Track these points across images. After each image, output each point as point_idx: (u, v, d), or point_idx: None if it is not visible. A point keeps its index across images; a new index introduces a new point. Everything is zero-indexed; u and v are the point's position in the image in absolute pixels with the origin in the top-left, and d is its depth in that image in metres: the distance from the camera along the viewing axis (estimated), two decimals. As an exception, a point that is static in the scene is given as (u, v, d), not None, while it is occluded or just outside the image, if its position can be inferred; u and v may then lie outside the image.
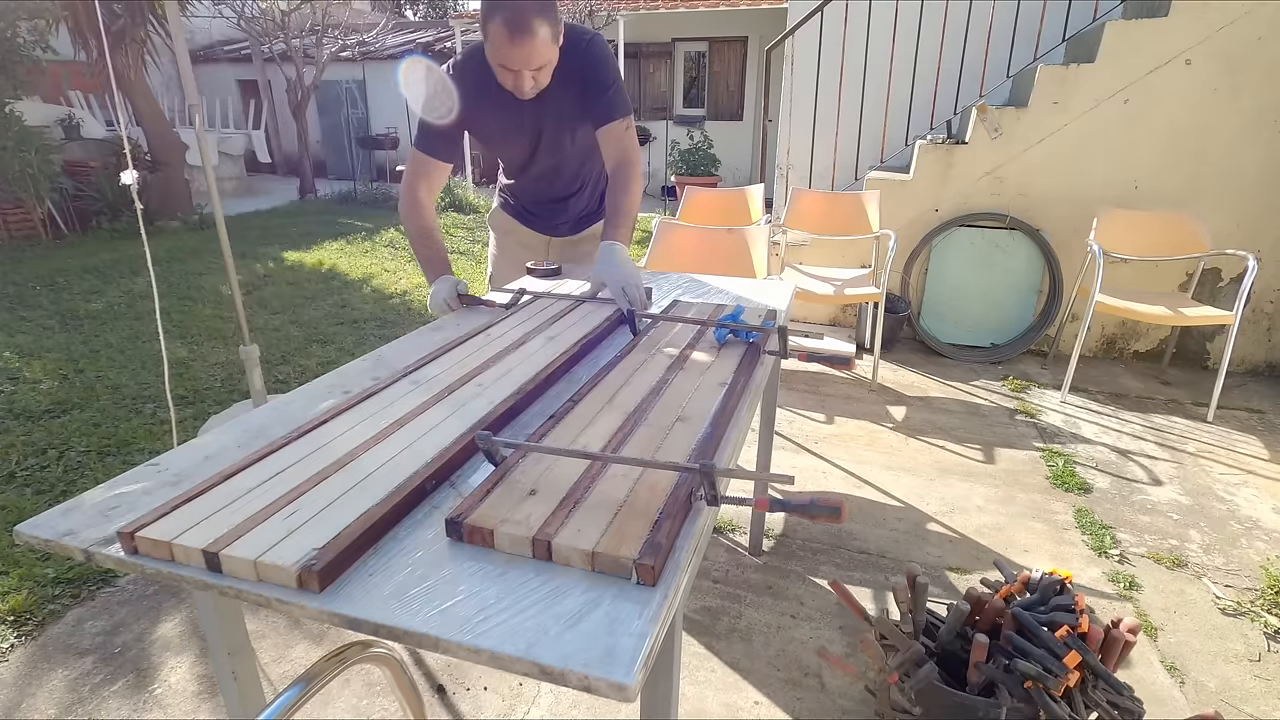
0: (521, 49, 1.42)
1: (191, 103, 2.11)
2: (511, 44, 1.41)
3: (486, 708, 1.54)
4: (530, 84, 1.50)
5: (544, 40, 1.44)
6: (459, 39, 8.71)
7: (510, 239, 2.02)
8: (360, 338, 3.90)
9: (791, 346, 1.28)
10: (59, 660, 1.67)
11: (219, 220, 2.28)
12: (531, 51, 1.43)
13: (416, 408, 1.04)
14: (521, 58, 1.43)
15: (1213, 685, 1.61)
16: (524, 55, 1.43)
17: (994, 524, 2.20)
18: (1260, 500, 2.33)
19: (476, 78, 1.60)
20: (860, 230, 3.51)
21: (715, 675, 1.63)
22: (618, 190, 1.65)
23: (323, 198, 9.11)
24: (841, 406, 3.04)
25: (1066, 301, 3.53)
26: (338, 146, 11.55)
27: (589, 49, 1.59)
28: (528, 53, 1.43)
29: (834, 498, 0.76)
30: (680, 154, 8.62)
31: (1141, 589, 1.91)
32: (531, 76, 1.49)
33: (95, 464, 2.54)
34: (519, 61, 1.44)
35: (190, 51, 2.63)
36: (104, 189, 6.71)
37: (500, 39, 1.41)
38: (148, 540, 0.73)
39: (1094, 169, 3.40)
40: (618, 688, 0.57)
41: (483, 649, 0.61)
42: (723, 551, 2.08)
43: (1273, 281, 3.35)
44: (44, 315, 4.20)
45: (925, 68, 4.02)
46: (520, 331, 1.38)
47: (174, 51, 2.21)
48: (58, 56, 7.07)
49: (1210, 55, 3.13)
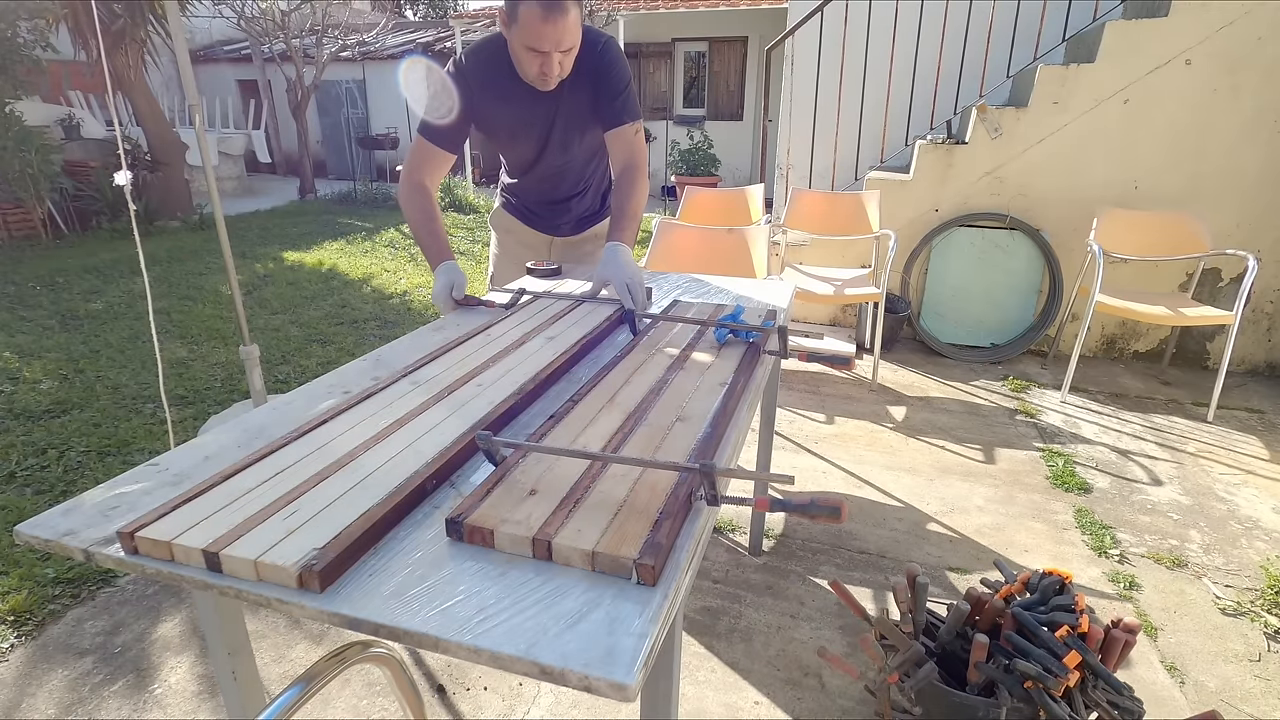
0: (555, 28, 1.43)
1: (191, 103, 2.11)
2: (545, 23, 1.42)
3: (486, 708, 1.54)
4: (556, 69, 1.51)
5: (574, 20, 1.46)
6: (459, 39, 8.72)
7: (511, 238, 2.02)
8: (360, 338, 3.90)
9: (791, 346, 1.28)
10: (59, 660, 1.67)
11: (219, 220, 2.28)
12: (564, 30, 1.44)
13: (417, 408, 1.04)
14: (554, 37, 1.44)
15: (1213, 685, 1.61)
16: (557, 35, 1.44)
17: (994, 524, 2.20)
18: (1260, 500, 2.33)
19: (489, 71, 1.60)
20: (860, 230, 3.51)
21: (715, 675, 1.63)
22: (624, 193, 1.66)
23: (323, 198, 9.12)
24: (841, 406, 3.04)
25: (1066, 301, 3.53)
26: (338, 146, 11.55)
27: (604, 52, 1.62)
28: (560, 32, 1.44)
29: (834, 498, 0.75)
30: (680, 154, 8.62)
31: (1141, 589, 1.91)
32: (558, 61, 1.50)
33: (95, 464, 2.54)
34: (551, 42, 1.45)
35: (190, 51, 2.63)
36: (104, 189, 6.71)
37: (534, 19, 1.42)
38: (148, 540, 0.72)
39: (1094, 169, 3.40)
40: (618, 688, 0.57)
41: (483, 649, 0.61)
42: (723, 551, 2.08)
43: (1273, 281, 3.35)
44: (44, 315, 4.20)
45: (925, 68, 4.02)
46: (520, 331, 1.38)
47: (174, 51, 2.21)
48: (58, 56, 7.07)
49: (1210, 55, 3.13)
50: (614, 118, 1.65)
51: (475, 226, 7.15)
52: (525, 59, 1.50)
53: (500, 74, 1.59)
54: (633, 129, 1.66)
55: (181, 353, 3.61)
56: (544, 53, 1.47)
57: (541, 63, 1.49)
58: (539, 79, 1.54)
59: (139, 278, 5.05)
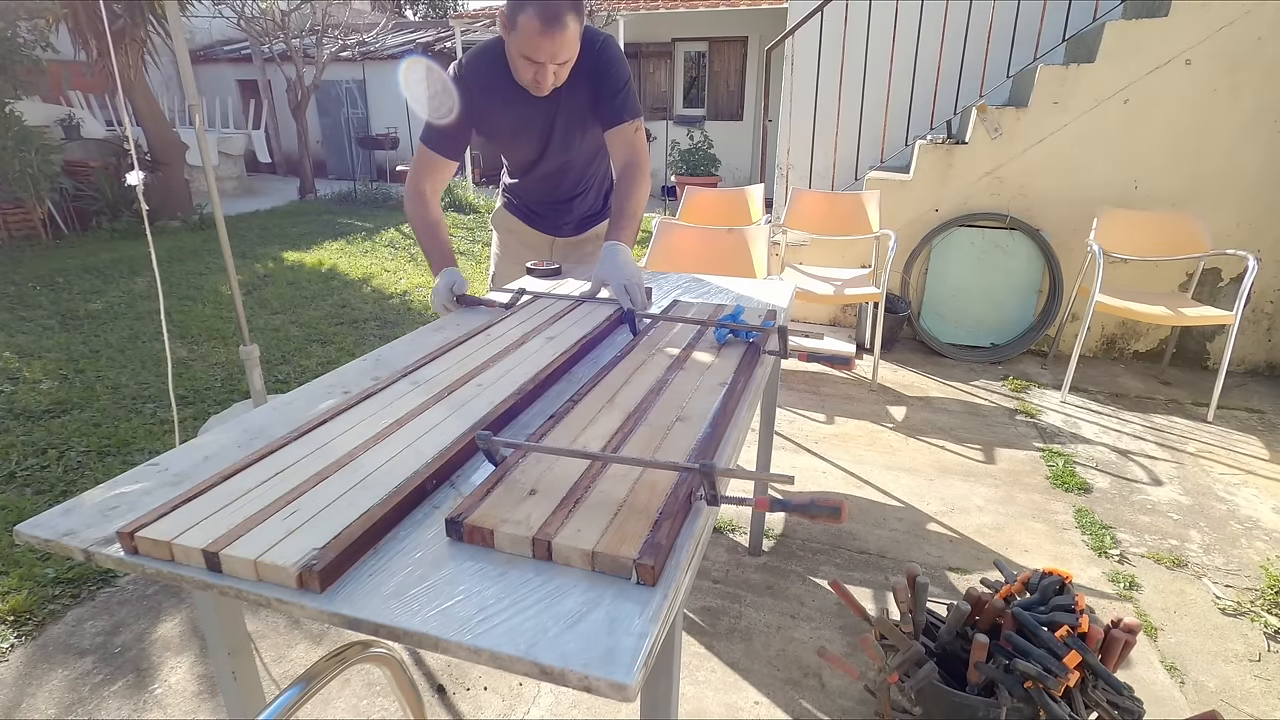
0: (552, 41, 1.43)
1: (191, 103, 2.11)
2: (543, 35, 1.43)
3: (486, 708, 1.54)
4: (551, 79, 1.51)
5: (573, 34, 1.46)
6: (459, 39, 8.71)
7: (513, 238, 2.03)
8: (360, 338, 3.90)
9: (791, 346, 1.28)
10: (59, 660, 1.67)
11: (219, 220, 2.28)
12: (561, 44, 1.44)
13: (417, 408, 1.04)
14: (551, 50, 1.45)
15: (1212, 685, 1.61)
16: (553, 48, 1.45)
17: (994, 524, 2.20)
18: (1260, 500, 2.33)
19: (489, 75, 1.60)
20: (860, 230, 3.51)
21: (715, 675, 1.63)
22: (624, 192, 1.67)
23: (323, 198, 9.12)
24: (841, 406, 3.04)
25: (1066, 301, 3.53)
26: (338, 146, 11.55)
27: (602, 50, 1.61)
28: (557, 45, 1.44)
29: (834, 498, 0.76)
30: (680, 154, 8.62)
31: (1141, 589, 1.91)
32: (553, 71, 1.50)
33: (95, 464, 2.54)
34: (547, 54, 1.45)
35: (190, 51, 2.63)
36: (104, 189, 6.71)
37: (531, 30, 1.43)
38: (148, 540, 0.73)
39: (1094, 169, 3.40)
40: (618, 688, 0.57)
41: (483, 649, 0.61)
42: (723, 551, 2.08)
43: (1273, 281, 3.35)
44: (44, 315, 4.20)
45: (925, 68, 4.02)
46: (520, 331, 1.38)
47: (174, 51, 2.21)
48: (58, 56, 7.07)
49: (1210, 55, 3.13)
50: (613, 116, 1.65)
51: (475, 226, 7.15)
52: (520, 65, 1.51)
53: (500, 76, 1.59)
54: (632, 127, 1.66)
55: (181, 353, 3.61)
56: (539, 63, 1.47)
57: (536, 72, 1.50)
58: (532, 86, 1.55)
59: (139, 278, 5.05)
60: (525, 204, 1.96)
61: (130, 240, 6.36)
